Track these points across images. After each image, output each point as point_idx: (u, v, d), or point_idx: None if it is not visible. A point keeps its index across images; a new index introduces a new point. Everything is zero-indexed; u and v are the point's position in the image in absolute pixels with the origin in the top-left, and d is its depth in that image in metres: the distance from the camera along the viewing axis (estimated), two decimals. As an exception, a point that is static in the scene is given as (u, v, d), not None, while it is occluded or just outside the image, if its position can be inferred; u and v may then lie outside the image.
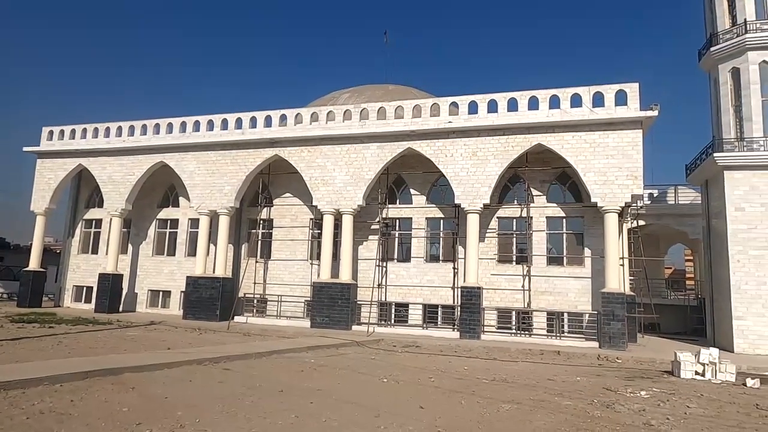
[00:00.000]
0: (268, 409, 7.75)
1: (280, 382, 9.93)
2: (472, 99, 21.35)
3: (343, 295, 21.91)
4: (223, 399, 8.24)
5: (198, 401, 8.04)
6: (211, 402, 8.00)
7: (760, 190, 19.59)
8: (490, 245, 22.17)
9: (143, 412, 7.18)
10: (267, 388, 9.39)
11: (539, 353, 17.05)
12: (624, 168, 19.13)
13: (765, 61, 20.50)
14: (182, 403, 7.87)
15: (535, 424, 7.65)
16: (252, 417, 7.24)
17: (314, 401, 8.42)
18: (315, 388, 9.52)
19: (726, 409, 9.40)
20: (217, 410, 7.52)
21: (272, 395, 8.77)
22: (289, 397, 8.70)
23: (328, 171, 22.93)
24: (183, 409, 7.43)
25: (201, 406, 7.74)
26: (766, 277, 19.10)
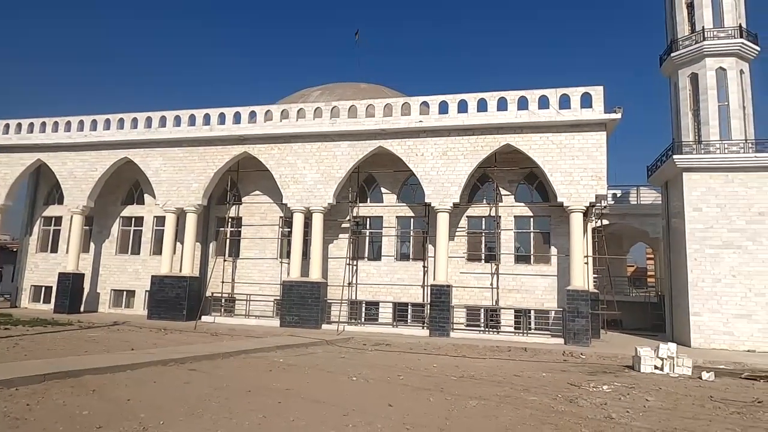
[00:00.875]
0: (235, 409, 7.65)
1: (248, 382, 9.82)
2: (443, 99, 21.54)
3: (313, 293, 21.79)
4: (188, 400, 8.09)
5: (162, 403, 7.87)
6: (176, 403, 7.84)
7: (716, 192, 20.43)
8: (460, 244, 22.43)
9: (104, 415, 6.98)
10: (234, 388, 9.26)
11: (507, 350, 17.35)
12: (589, 169, 19.65)
13: (722, 67, 21.38)
14: (146, 405, 7.69)
15: (501, 419, 7.79)
16: (218, 418, 7.13)
17: (282, 401, 8.36)
18: (283, 388, 9.45)
19: (682, 402, 9.78)
20: (183, 412, 7.38)
21: (240, 395, 8.66)
22: (257, 397, 8.61)
23: (298, 169, 22.75)
24: (146, 411, 7.27)
25: (165, 407, 7.58)
26: (721, 275, 19.95)
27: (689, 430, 7.63)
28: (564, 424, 7.61)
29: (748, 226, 19.94)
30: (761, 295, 19.47)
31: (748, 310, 19.49)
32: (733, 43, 21.12)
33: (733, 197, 20.24)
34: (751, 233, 19.87)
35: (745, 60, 21.58)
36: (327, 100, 24.49)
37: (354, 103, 22.73)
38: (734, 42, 21.11)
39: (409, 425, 7.20)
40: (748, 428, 7.90)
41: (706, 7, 21.80)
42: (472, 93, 21.28)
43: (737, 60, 21.34)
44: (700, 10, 21.90)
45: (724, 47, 21.18)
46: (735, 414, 8.88)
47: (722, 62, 21.35)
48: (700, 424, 8.00)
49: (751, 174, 20.18)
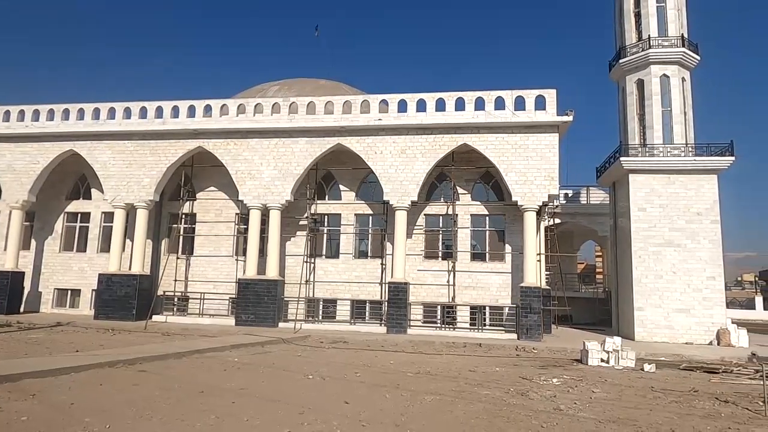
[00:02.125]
0: (186, 411, 7.46)
1: (200, 383, 9.58)
2: (402, 97, 21.67)
3: (269, 291, 21.49)
4: (137, 402, 7.82)
5: (109, 406, 7.58)
6: (123, 406, 7.57)
7: (658, 192, 21.51)
8: (417, 242, 22.66)
9: (45, 421, 6.66)
10: (186, 389, 9.02)
11: (462, 346, 17.68)
12: (542, 169, 20.26)
13: (665, 74, 22.51)
14: (91, 408, 7.38)
15: (455, 413, 7.95)
16: (169, 420, 6.94)
17: (237, 401, 8.21)
18: (238, 388, 9.29)
19: (626, 392, 10.27)
20: (131, 415, 7.13)
21: (192, 396, 8.45)
22: (209, 397, 8.42)
23: (255, 165, 22.35)
24: (92, 415, 6.98)
25: (112, 411, 7.30)
26: (663, 271, 21.04)
27: (631, 418, 8.03)
28: (515, 417, 7.84)
29: (687, 226, 21.10)
30: (698, 291, 20.67)
31: (686, 304, 20.65)
32: (676, 51, 22.26)
33: (674, 198, 21.37)
34: (689, 232, 21.05)
35: (687, 68, 22.80)
36: (285, 96, 24.14)
37: (313, 100, 22.53)
38: (677, 51, 22.26)
39: (365, 422, 7.24)
40: (684, 416, 8.38)
41: (651, 17, 22.88)
42: (430, 92, 21.53)
43: (680, 68, 22.52)
44: (647, 19, 22.97)
45: (668, 56, 22.30)
46: (673, 403, 9.40)
47: (666, 70, 22.47)
48: (641, 413, 8.43)
49: (691, 176, 21.36)
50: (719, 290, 20.91)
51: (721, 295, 20.94)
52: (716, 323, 20.31)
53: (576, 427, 7.43)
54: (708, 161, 21.20)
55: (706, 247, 20.86)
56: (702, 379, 12.39)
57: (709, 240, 20.89)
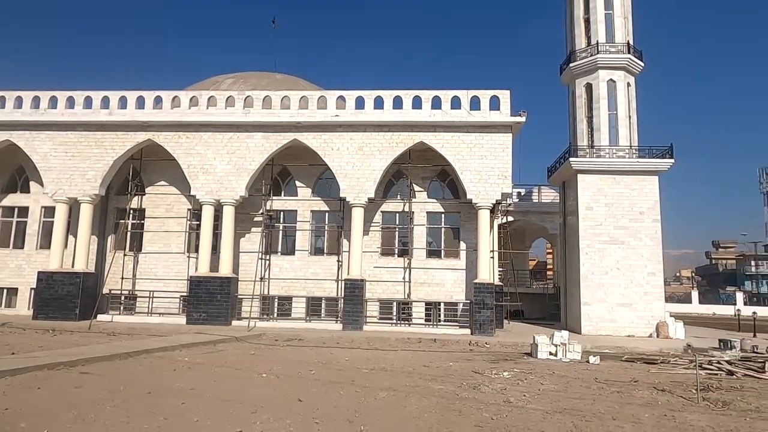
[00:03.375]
0: (132, 413, 7.20)
1: (148, 384, 9.27)
2: (360, 94, 21.64)
3: (222, 289, 21.00)
4: (79, 406, 7.48)
5: (47, 410, 7.20)
6: (63, 410, 7.22)
7: (605, 192, 22.46)
8: (374, 238, 22.72)
9: (-24, 427, 6.27)
10: (133, 390, 8.70)
11: (417, 341, 17.89)
12: (496, 168, 20.74)
13: (612, 79, 23.49)
14: (28, 413, 7.00)
15: (409, 408, 8.04)
16: (113, 423, 6.67)
17: (187, 401, 8.00)
18: (188, 388, 9.05)
19: (572, 384, 10.69)
20: (71, 418, 6.82)
21: (139, 398, 8.16)
22: (158, 398, 8.16)
23: (208, 159, 21.76)
24: (28, 420, 6.62)
25: (51, 415, 6.95)
26: (608, 267, 22.00)
27: (576, 408, 8.37)
28: (467, 410, 8.02)
29: (630, 224, 22.14)
30: (640, 286, 21.74)
31: (629, 299, 21.68)
32: (622, 58, 23.27)
33: (619, 198, 22.37)
34: (633, 230, 22.10)
35: (632, 74, 23.87)
36: (240, 89, 23.61)
37: (269, 94, 22.15)
38: (623, 57, 23.27)
39: (319, 419, 7.21)
40: (625, 404, 8.82)
41: (600, 23, 23.81)
42: (388, 90, 21.59)
43: (625, 73, 23.55)
44: (595, 25, 23.89)
45: (615, 61, 23.28)
46: (615, 393, 9.87)
47: (613, 75, 23.46)
48: (585, 403, 8.80)
49: (634, 177, 22.42)
50: (659, 285, 22.07)
51: (660, 290, 22.12)
52: (656, 317, 21.43)
53: (524, 418, 7.67)
54: (650, 163, 22.31)
55: (648, 245, 21.97)
56: (642, 369, 13.06)
57: (650, 238, 22.01)
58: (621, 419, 7.76)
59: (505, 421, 7.46)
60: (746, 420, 7.98)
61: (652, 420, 7.80)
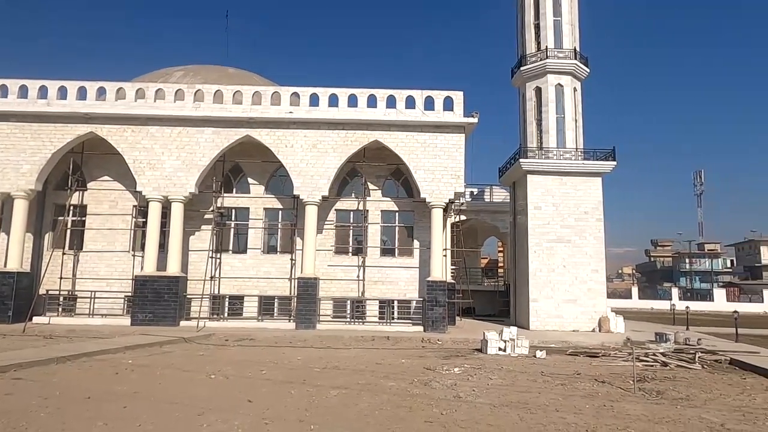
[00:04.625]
0: (69, 419, 6.86)
1: (87, 389, 8.85)
2: (314, 91, 21.45)
3: (170, 289, 20.31)
4: (9, 413, 7.05)
5: (-26, 419, 6.76)
6: (-8, 418, 6.79)
7: (552, 192, 23.28)
8: (328, 237, 22.61)
9: None
10: (70, 396, 8.29)
11: (371, 339, 17.95)
12: (449, 168, 21.08)
13: (560, 84, 24.35)
14: (-49, 423, 6.54)
15: (360, 406, 8.07)
16: (47, 430, 6.34)
17: (129, 405, 7.70)
18: (131, 391, 8.71)
19: (519, 378, 11.04)
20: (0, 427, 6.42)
21: (76, 403, 7.78)
22: (98, 403, 7.81)
23: (155, 154, 20.98)
24: (-48, 431, 6.19)
25: (-22, 424, 6.52)
26: (555, 265, 22.82)
27: (522, 401, 8.65)
28: (417, 406, 8.13)
29: (576, 223, 23.05)
30: (584, 283, 22.68)
31: (574, 295, 22.57)
32: (569, 63, 24.18)
33: (565, 198, 23.23)
34: (578, 229, 23.02)
35: (578, 79, 24.84)
36: (190, 83, 22.87)
37: (220, 88, 21.59)
38: (570, 62, 24.18)
39: (269, 419, 7.12)
40: (568, 396, 9.20)
41: (549, 29, 24.63)
42: (343, 88, 21.50)
43: (572, 78, 24.48)
44: (545, 31, 24.69)
45: (562, 66, 24.15)
46: (559, 385, 10.27)
47: (560, 79, 24.32)
48: (531, 396, 9.11)
49: (580, 178, 23.34)
50: (602, 282, 23.10)
51: (603, 286, 23.16)
52: (599, 312, 22.43)
53: (473, 412, 7.85)
54: (594, 165, 23.29)
55: (592, 243, 22.95)
56: (585, 362, 13.65)
57: (594, 237, 23.00)
58: (564, 410, 8.09)
59: (454, 416, 7.62)
60: (677, 408, 8.49)
61: (592, 410, 8.17)
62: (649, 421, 7.57)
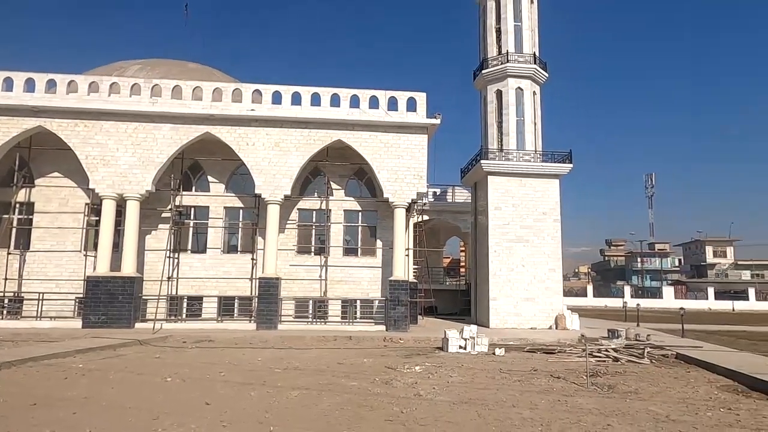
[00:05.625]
0: (12, 427, 6.54)
1: (33, 395, 8.45)
2: (277, 89, 21.20)
3: (125, 290, 19.65)
4: (-54, 423, 6.67)
5: None
6: (-73, 428, 6.40)
7: (512, 193, 23.82)
8: (290, 236, 22.39)
9: None
10: (14, 402, 7.89)
11: (333, 339, 17.89)
12: (412, 168, 21.25)
13: (519, 87, 24.94)
14: None
15: (321, 406, 8.04)
16: (-11, 439, 6.03)
17: (79, 411, 7.40)
18: (81, 397, 8.38)
19: (478, 375, 11.25)
20: (-63, 437, 6.06)
21: (21, 410, 7.42)
22: (44, 410, 7.47)
23: (109, 150, 20.24)
24: None
25: None
26: (514, 264, 23.36)
27: (481, 398, 8.83)
28: (378, 405, 8.17)
29: (534, 224, 23.67)
30: (542, 282, 23.32)
31: (532, 294, 23.17)
32: (529, 68, 24.79)
33: (524, 199, 23.82)
34: (536, 230, 23.64)
35: (538, 83, 25.50)
36: (148, 77, 22.18)
37: (179, 83, 21.04)
38: (530, 67, 24.79)
39: (227, 422, 7.00)
40: (525, 392, 9.44)
41: (510, 34, 25.18)
42: (306, 86, 21.34)
43: (532, 82, 25.11)
44: (506, 36, 25.23)
45: (522, 71, 24.74)
46: (517, 382, 10.52)
47: (520, 83, 24.92)
48: (489, 393, 9.31)
49: (538, 180, 23.98)
50: (558, 281, 23.80)
51: (559, 285, 23.86)
52: (555, 310, 23.10)
53: (432, 410, 7.96)
54: (552, 167, 23.98)
55: (549, 243, 23.61)
56: (541, 359, 14.03)
57: (552, 237, 23.67)
58: (520, 406, 8.30)
59: (414, 413, 7.69)
60: (626, 401, 8.86)
61: (547, 405, 8.42)
62: (600, 414, 7.87)
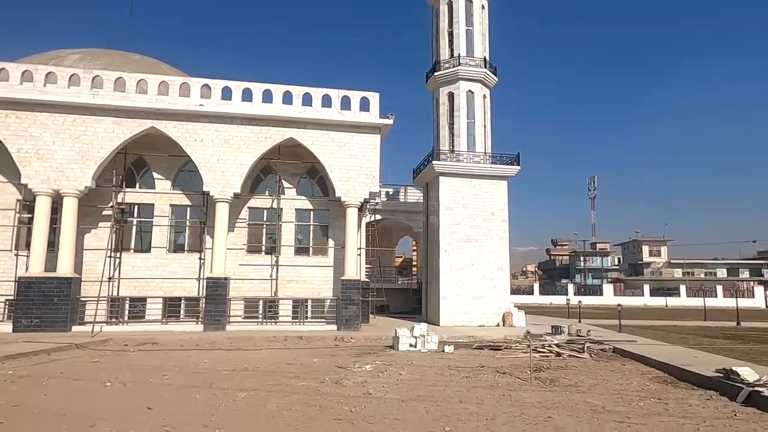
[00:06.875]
0: (-68, 439, 6.09)
1: (-44, 404, 7.89)
2: (227, 84, 20.71)
3: (61, 291, 18.62)
4: None
5: None
6: None
7: (462, 194, 24.34)
8: (240, 235, 21.93)
9: None
10: (-66, 413, 7.35)
11: (283, 339, 17.67)
12: (364, 167, 21.30)
13: (470, 90, 25.51)
14: None
15: (269, 407, 7.94)
16: None
17: (7, 420, 6.97)
18: (11, 404, 7.89)
19: (427, 372, 11.44)
20: None
21: (-59, 421, 6.92)
22: (-32, 420, 7.00)
23: (45, 144, 19.12)
24: None
25: None
26: (464, 263, 23.87)
27: (429, 395, 8.99)
28: (327, 404, 8.16)
29: (484, 224, 24.29)
30: (490, 280, 23.96)
31: (481, 292, 23.77)
32: (480, 71, 25.40)
33: (474, 199, 24.39)
34: (485, 230, 24.26)
35: (488, 87, 26.17)
36: (88, 67, 21.10)
37: (123, 75, 20.15)
38: (480, 71, 25.41)
39: (170, 426, 6.79)
40: (471, 388, 9.69)
41: (461, 38, 25.71)
42: (257, 83, 20.97)
43: (482, 86, 25.74)
44: (458, 39, 25.74)
45: (473, 74, 25.32)
46: (464, 378, 10.78)
47: (471, 86, 25.49)
48: (438, 389, 9.49)
49: (488, 181, 24.62)
50: (506, 279, 24.54)
51: (507, 283, 24.60)
52: (503, 307, 23.80)
53: (381, 407, 8.03)
54: (500, 169, 24.68)
55: (498, 243, 24.29)
56: (489, 355, 14.43)
57: (500, 237, 24.36)
58: (467, 401, 8.52)
59: (363, 412, 7.74)
60: (566, 394, 9.27)
61: (492, 400, 8.69)
62: (542, 407, 8.19)
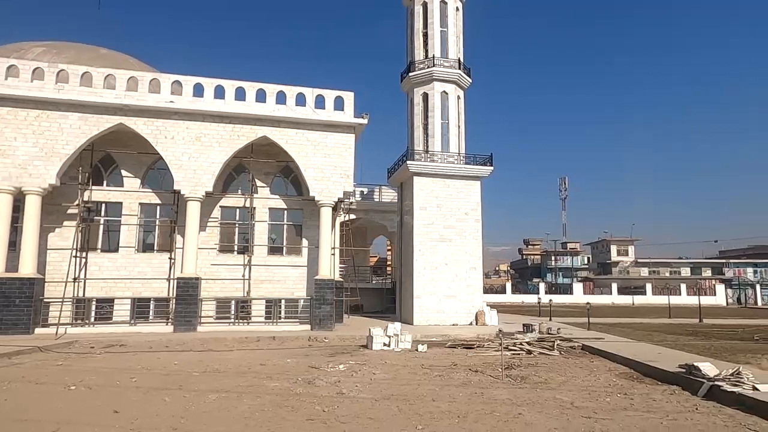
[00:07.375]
0: None
1: None
2: (198, 81, 20.35)
3: (23, 292, 17.97)
4: None
5: None
6: None
7: (436, 194, 24.51)
8: (212, 235, 21.59)
9: None
10: None
11: (256, 340, 17.47)
12: (339, 167, 21.23)
13: (445, 91, 25.71)
14: None
15: (240, 409, 7.85)
16: None
17: (-36, 427, 6.71)
18: (-32, 411, 7.59)
19: (401, 371, 11.48)
20: None
21: None
22: None
23: (6, 139, 18.43)
24: None
25: None
26: (438, 263, 24.05)
27: (402, 394, 9.02)
28: (300, 405, 8.11)
29: (457, 224, 24.51)
30: (463, 280, 24.20)
31: (454, 291, 23.99)
32: (454, 72, 25.62)
33: (448, 199, 24.60)
34: (459, 229, 24.49)
35: (462, 88, 26.42)
36: (53, 61, 20.42)
37: (90, 70, 19.58)
38: (455, 72, 25.63)
39: (137, 429, 6.65)
40: (444, 386, 9.77)
41: (436, 39, 25.89)
42: (230, 80, 20.67)
43: (456, 87, 25.97)
44: (432, 40, 25.92)
45: (447, 75, 25.52)
46: (438, 377, 10.86)
47: (446, 87, 25.69)
48: (411, 388, 9.54)
49: (462, 181, 24.86)
50: (479, 279, 24.82)
51: (480, 283, 24.88)
52: (476, 306, 24.07)
53: (354, 407, 8.03)
54: (474, 169, 24.95)
55: (471, 242, 24.55)
56: (461, 354, 14.57)
57: (473, 236, 24.63)
58: (440, 400, 8.59)
59: (336, 411, 7.72)
60: (537, 391, 9.44)
61: (464, 398, 8.78)
62: (512, 404, 8.33)
